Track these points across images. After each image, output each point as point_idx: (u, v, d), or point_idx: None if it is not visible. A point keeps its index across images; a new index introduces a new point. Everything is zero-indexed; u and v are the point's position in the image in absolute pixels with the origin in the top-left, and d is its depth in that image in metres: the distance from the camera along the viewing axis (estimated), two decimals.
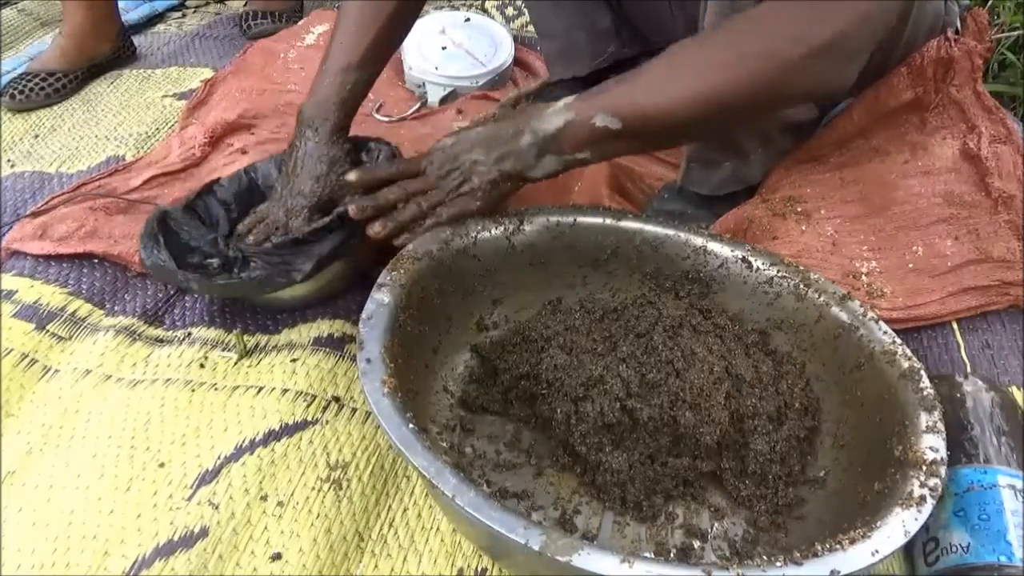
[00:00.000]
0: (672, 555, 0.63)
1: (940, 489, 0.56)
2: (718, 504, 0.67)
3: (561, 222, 0.80)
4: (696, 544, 0.64)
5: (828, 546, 0.51)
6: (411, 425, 0.56)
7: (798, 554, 0.50)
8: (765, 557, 0.51)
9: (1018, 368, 0.79)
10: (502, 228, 0.78)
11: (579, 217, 0.80)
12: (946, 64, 0.93)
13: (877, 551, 0.51)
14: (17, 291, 0.87)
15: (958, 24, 0.97)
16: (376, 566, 0.64)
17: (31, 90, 1.26)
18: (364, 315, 0.66)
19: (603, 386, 0.67)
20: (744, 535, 0.65)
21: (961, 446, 0.62)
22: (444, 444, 0.69)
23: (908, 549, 0.65)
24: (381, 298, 0.68)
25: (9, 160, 1.13)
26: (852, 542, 0.51)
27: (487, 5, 1.58)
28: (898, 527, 0.53)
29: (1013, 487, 0.60)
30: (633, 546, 0.64)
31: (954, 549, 0.59)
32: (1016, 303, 0.84)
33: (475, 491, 0.52)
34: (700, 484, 0.68)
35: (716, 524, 0.66)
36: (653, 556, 0.63)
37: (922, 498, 0.55)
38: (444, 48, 1.30)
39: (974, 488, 0.60)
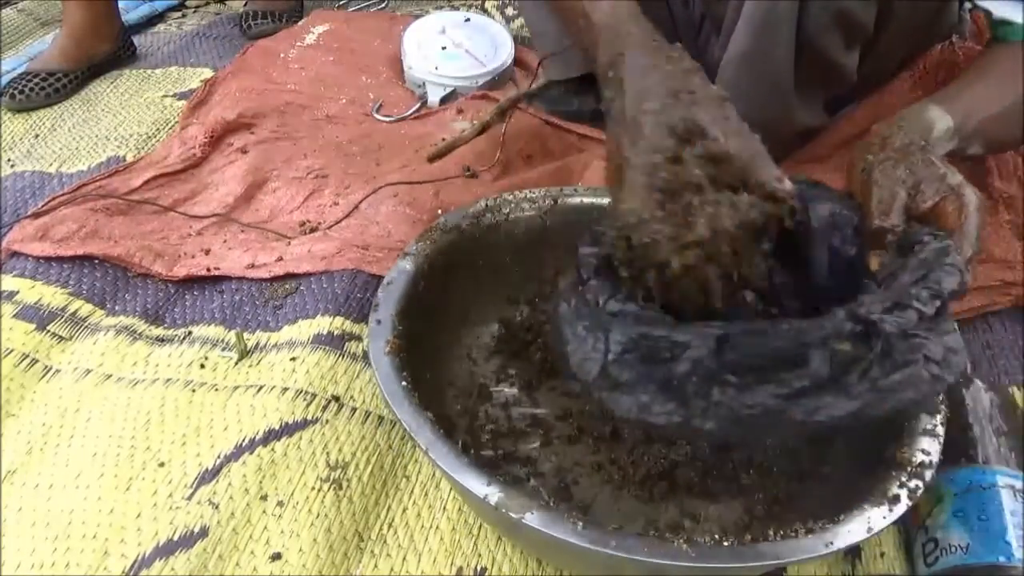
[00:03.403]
0: (658, 531, 0.63)
1: (920, 491, 0.55)
2: (718, 491, 0.67)
3: (596, 204, 0.79)
4: (687, 523, 0.64)
5: (782, 533, 0.51)
6: (404, 383, 0.58)
7: (748, 537, 0.51)
8: (716, 536, 0.52)
9: (1018, 368, 0.79)
10: (536, 207, 0.79)
11: None
12: (949, 67, 0.94)
13: (831, 543, 0.51)
14: (18, 292, 0.87)
15: (967, 32, 0.97)
16: (376, 566, 0.64)
17: (31, 90, 1.26)
18: (385, 280, 0.68)
19: None
20: (737, 521, 0.65)
21: (961, 447, 0.62)
22: (457, 407, 0.71)
23: (908, 550, 0.65)
24: (404, 265, 0.70)
25: (9, 160, 1.13)
26: (809, 532, 0.51)
27: (487, 5, 1.59)
28: (862, 523, 0.52)
29: (1013, 487, 0.60)
30: (624, 519, 0.64)
31: (954, 549, 0.59)
32: (1017, 303, 0.84)
33: (448, 447, 0.54)
34: (704, 470, 0.68)
35: (712, 507, 0.66)
36: (640, 533, 0.62)
37: (896, 497, 0.54)
38: (444, 48, 1.30)
39: (974, 488, 0.60)
